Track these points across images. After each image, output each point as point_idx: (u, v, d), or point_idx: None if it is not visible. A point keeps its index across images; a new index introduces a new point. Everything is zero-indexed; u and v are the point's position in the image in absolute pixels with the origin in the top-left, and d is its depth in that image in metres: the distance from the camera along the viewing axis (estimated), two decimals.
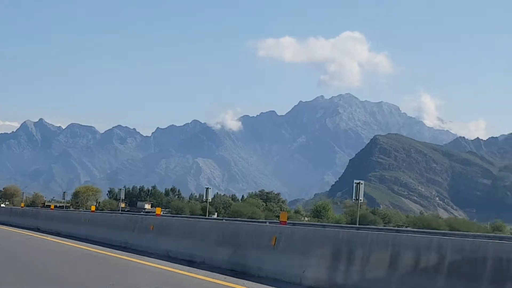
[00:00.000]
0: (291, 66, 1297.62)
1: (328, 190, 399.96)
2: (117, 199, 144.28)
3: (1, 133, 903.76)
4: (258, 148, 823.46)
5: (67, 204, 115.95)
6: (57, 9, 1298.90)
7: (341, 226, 38.40)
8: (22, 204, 74.34)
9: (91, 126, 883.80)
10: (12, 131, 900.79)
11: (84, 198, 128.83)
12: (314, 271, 11.39)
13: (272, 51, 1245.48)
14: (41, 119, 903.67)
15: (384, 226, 72.70)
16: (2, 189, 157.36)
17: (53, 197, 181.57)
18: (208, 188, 58.97)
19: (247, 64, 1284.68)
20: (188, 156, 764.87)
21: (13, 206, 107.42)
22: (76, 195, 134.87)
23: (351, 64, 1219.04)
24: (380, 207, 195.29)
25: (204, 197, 66.23)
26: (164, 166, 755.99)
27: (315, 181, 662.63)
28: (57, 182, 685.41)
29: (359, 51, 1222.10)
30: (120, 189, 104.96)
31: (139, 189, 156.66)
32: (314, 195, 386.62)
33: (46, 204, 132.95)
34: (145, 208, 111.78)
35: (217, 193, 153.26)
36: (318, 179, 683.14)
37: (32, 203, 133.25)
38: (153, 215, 42.77)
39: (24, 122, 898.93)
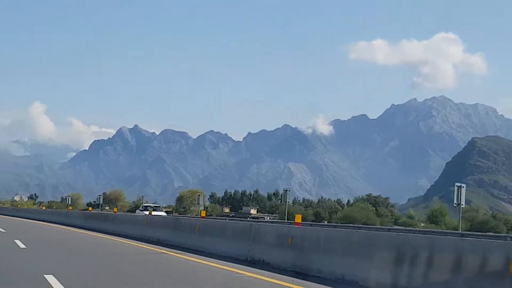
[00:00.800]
0: (383, 68, 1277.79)
1: (422, 194, 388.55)
2: (219, 203, 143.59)
3: (98, 140, 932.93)
4: (350, 152, 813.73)
5: (168, 209, 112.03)
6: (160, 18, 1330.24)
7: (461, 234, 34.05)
8: (115, 209, 73.80)
9: (184, 132, 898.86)
10: (109, 138, 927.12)
11: (189, 202, 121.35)
12: (377, 274, 11.41)
13: (363, 54, 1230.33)
14: (136, 126, 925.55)
15: (508, 233, 63.31)
16: (102, 194, 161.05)
17: (154, 202, 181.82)
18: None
19: (339, 67, 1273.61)
20: (279, 161, 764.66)
21: (108, 211, 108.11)
22: (180, 200, 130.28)
23: (445, 66, 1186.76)
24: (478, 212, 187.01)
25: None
26: (255, 171, 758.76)
27: (408, 186, 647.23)
28: (152, 188, 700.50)
29: (453, 52, 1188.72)
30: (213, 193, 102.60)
31: (241, 193, 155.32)
32: (408, 199, 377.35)
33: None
34: (251, 214, 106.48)
35: (321, 198, 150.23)
36: (411, 183, 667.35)
37: (135, 208, 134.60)
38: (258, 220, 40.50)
39: (120, 128, 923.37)
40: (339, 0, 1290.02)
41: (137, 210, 67.82)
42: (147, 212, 48.54)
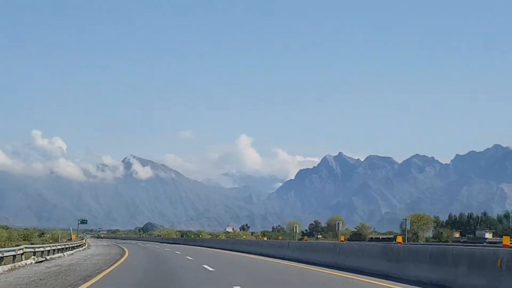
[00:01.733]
0: None
1: None
2: (445, 226, 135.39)
3: (304, 169, 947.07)
4: None
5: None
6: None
7: None
8: (342, 238, 69.42)
9: (389, 157, 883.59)
10: (314, 166, 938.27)
11: (417, 227, 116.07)
12: None
13: None
14: (340, 153, 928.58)
15: None
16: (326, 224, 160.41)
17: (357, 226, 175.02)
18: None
19: None
20: (491, 182, 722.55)
21: (320, 239, 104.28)
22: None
23: None
24: None
25: None
26: (465, 193, 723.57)
27: None
28: (359, 214, 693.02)
29: None
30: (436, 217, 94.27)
31: (468, 216, 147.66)
32: None
33: (371, 237, 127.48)
34: (486, 238, 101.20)
35: None
36: None
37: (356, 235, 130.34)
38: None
39: (325, 157, 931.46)
40: None
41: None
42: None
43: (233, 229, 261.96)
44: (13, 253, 25.44)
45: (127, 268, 24.31)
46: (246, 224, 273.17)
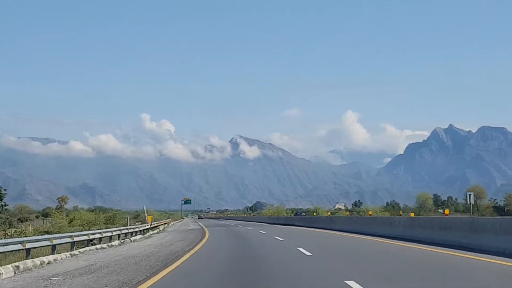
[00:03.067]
0: None
1: None
2: None
3: (413, 143, 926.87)
4: None
5: None
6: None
7: None
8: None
9: (502, 127, 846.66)
10: (423, 140, 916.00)
11: None
12: None
13: None
14: (450, 125, 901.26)
15: None
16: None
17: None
18: None
19: None
20: None
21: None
22: None
23: None
24: None
25: None
26: None
27: None
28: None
29: None
30: None
31: None
32: None
33: None
34: None
35: None
36: None
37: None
38: None
39: (434, 129, 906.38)
40: None
41: None
42: None
43: (345, 205, 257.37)
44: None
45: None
46: (359, 200, 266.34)
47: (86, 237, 25.89)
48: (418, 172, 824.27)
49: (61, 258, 19.41)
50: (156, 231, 46.49)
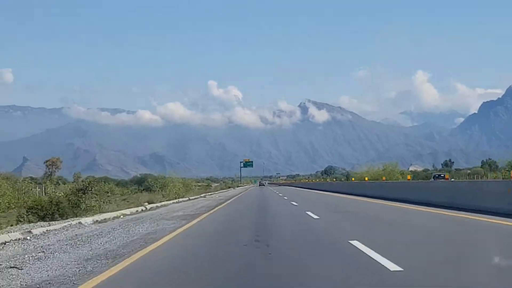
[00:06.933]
0: None
1: None
2: None
3: (486, 101, 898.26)
4: None
5: None
6: None
7: None
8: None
9: None
10: (498, 98, 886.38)
11: None
12: None
13: None
14: None
15: None
16: None
17: None
18: None
19: None
20: None
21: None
22: None
23: None
24: None
25: None
26: None
27: None
28: None
29: None
30: None
31: None
32: None
33: None
34: None
35: None
36: None
37: None
38: None
39: (510, 87, 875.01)
40: None
41: None
42: None
43: (416, 168, 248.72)
44: None
45: None
46: (450, 160, 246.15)
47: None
48: (493, 132, 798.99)
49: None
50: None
